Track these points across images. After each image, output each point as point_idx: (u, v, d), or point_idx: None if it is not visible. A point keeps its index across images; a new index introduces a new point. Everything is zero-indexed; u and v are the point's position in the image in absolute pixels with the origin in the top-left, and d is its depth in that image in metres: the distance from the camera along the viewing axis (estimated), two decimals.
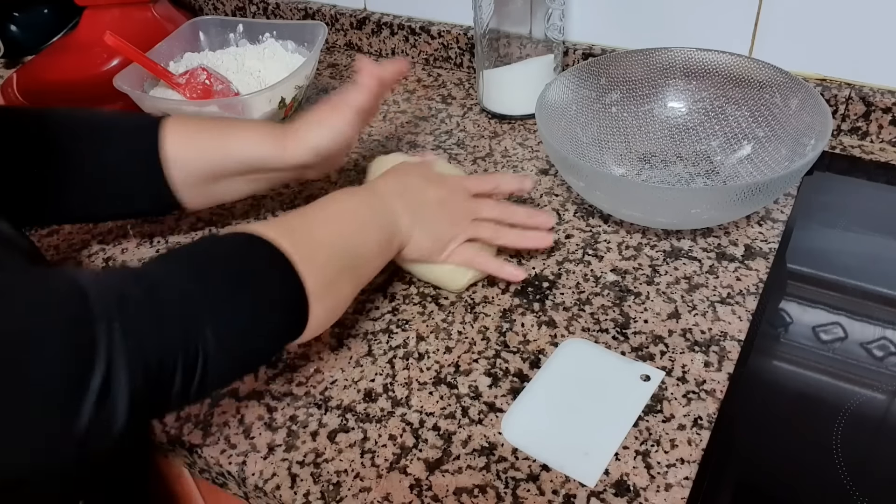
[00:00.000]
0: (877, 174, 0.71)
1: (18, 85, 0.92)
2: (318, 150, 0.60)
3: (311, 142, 0.60)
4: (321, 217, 0.50)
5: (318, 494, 0.46)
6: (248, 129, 0.61)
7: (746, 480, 0.47)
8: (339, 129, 0.60)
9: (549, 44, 0.78)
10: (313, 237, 0.48)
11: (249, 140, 0.60)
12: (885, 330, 0.55)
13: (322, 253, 0.47)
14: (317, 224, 0.49)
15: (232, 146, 0.60)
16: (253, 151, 0.60)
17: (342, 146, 0.62)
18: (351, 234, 0.50)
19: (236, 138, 0.60)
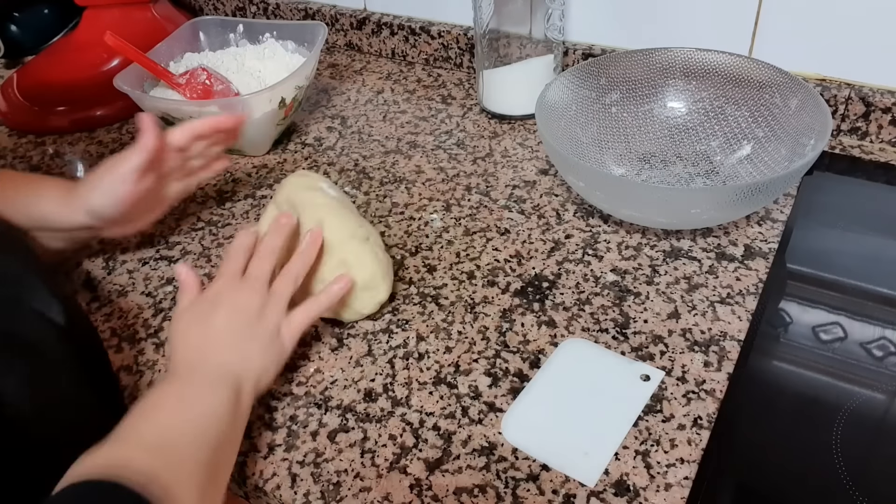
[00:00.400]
0: (876, 174, 0.71)
1: (18, 85, 0.92)
2: (93, 212, 0.58)
3: (87, 204, 0.58)
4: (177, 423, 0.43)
5: (318, 494, 0.46)
6: (42, 187, 0.60)
7: (746, 480, 0.47)
8: (113, 191, 0.58)
9: (549, 44, 0.79)
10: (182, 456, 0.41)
11: (39, 198, 0.59)
12: (884, 330, 0.55)
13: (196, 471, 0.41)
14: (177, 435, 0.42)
15: (21, 202, 0.58)
16: (40, 209, 0.59)
17: (125, 206, 0.59)
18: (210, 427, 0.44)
19: (27, 195, 0.59)
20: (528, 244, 0.64)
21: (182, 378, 0.47)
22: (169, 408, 0.44)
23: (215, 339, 0.49)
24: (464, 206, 0.70)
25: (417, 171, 0.75)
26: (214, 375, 0.47)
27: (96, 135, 0.88)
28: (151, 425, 0.42)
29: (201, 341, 0.49)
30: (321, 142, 0.82)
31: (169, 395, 0.45)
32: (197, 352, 0.48)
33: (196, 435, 0.43)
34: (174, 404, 0.45)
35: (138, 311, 0.61)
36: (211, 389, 0.46)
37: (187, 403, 0.45)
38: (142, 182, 0.59)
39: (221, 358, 0.48)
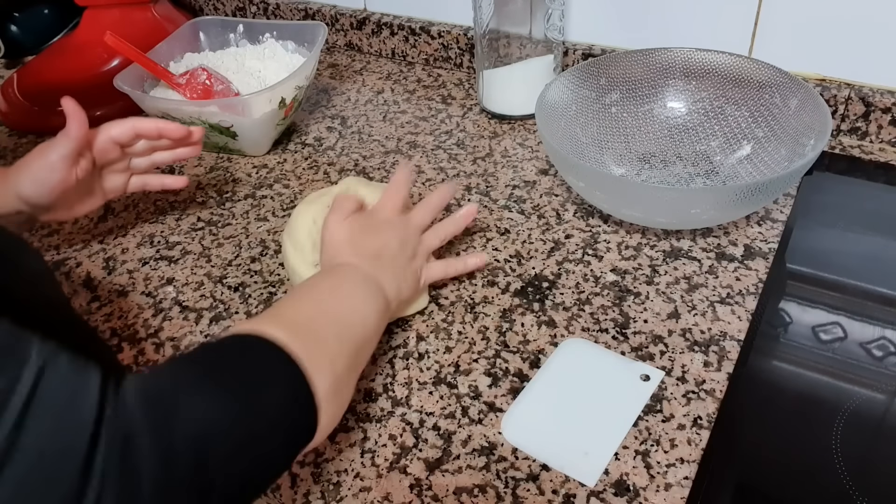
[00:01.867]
0: (876, 174, 0.71)
1: (19, 85, 0.92)
2: (24, 198, 0.59)
3: (17, 190, 0.59)
4: (321, 308, 0.47)
5: (318, 494, 0.46)
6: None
7: (746, 480, 0.47)
8: (42, 178, 0.58)
9: (548, 44, 0.79)
10: (321, 335, 0.44)
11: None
12: (884, 330, 0.55)
13: (331, 355, 0.43)
14: (320, 317, 0.46)
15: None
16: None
17: (55, 194, 0.59)
18: (354, 321, 0.47)
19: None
20: (528, 244, 0.64)
21: (339, 274, 0.51)
22: (320, 297, 0.48)
23: (378, 254, 0.52)
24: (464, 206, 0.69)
25: (417, 172, 0.75)
26: (371, 283, 0.50)
27: None
28: (302, 309, 0.46)
29: (365, 250, 0.52)
30: (321, 142, 0.82)
31: (323, 286, 0.49)
32: (359, 257, 0.52)
33: (341, 327, 0.46)
34: (326, 294, 0.48)
35: (138, 311, 0.61)
36: (365, 292, 0.49)
37: (339, 296, 0.48)
38: (72, 170, 0.59)
39: (379, 272, 0.51)
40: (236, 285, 0.63)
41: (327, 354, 0.43)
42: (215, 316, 0.60)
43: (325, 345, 0.43)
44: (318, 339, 0.43)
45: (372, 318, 0.48)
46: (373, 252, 0.52)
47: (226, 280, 0.64)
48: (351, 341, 0.46)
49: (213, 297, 0.62)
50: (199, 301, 0.62)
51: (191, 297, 0.62)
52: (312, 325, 0.45)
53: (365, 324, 0.48)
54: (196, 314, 0.60)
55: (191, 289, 0.63)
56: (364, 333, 0.47)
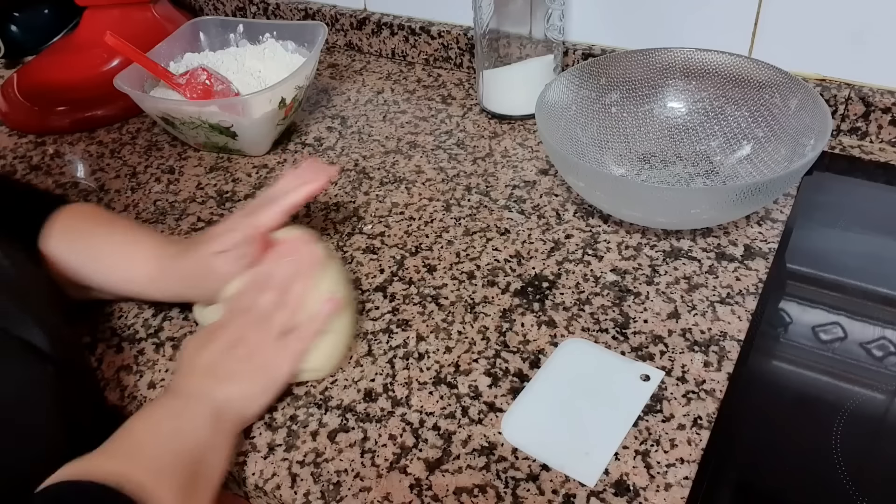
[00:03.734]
0: (876, 174, 0.71)
1: (19, 85, 0.92)
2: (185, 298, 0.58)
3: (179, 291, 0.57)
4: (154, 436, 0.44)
5: (318, 494, 0.46)
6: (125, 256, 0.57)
7: (746, 480, 0.47)
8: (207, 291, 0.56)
9: (548, 44, 0.79)
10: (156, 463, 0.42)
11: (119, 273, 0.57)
12: (884, 330, 0.55)
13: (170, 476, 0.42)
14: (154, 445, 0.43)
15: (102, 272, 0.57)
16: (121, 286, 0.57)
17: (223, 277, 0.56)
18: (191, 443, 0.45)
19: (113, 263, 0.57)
20: (528, 244, 0.64)
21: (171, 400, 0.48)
22: (147, 418, 0.46)
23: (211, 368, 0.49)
24: (464, 206, 0.70)
25: (417, 171, 0.75)
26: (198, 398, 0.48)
27: (96, 135, 0.88)
28: (129, 434, 0.44)
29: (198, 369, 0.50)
30: (321, 142, 0.82)
31: (153, 408, 0.47)
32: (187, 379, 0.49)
33: (174, 444, 0.44)
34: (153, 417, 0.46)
35: (138, 311, 0.61)
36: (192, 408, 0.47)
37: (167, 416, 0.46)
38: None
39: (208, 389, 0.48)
40: None
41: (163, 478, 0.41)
42: None
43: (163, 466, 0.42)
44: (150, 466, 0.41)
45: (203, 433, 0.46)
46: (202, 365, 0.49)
47: None
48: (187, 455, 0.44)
49: None
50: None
51: None
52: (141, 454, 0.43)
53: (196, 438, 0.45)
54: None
55: None
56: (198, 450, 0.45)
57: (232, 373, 0.49)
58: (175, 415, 0.46)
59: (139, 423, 0.45)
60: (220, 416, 0.47)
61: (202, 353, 0.50)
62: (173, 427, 0.45)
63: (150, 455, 0.42)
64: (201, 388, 0.48)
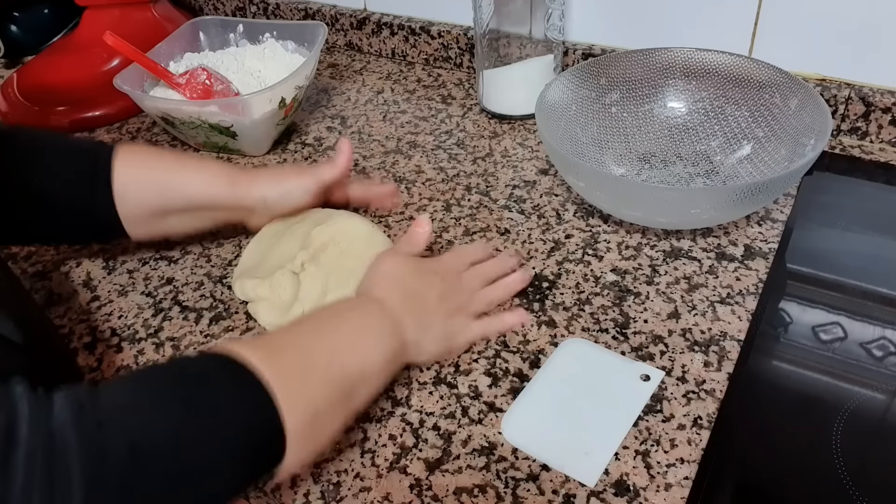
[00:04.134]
0: (876, 174, 0.71)
1: (19, 85, 0.92)
2: (266, 201, 0.61)
3: (263, 192, 0.61)
4: (318, 335, 0.46)
5: (318, 494, 0.46)
6: (200, 166, 0.62)
7: (746, 480, 0.47)
8: (293, 192, 0.62)
9: (548, 44, 0.79)
10: (305, 363, 0.43)
11: (200, 178, 0.60)
12: (884, 330, 0.55)
13: (311, 391, 0.42)
14: (312, 344, 0.45)
15: (181, 183, 0.60)
16: (203, 190, 0.60)
17: (291, 207, 0.63)
18: (351, 358, 0.45)
19: (186, 175, 0.60)
20: (528, 244, 0.64)
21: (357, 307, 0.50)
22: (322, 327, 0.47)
23: (413, 298, 0.51)
24: (464, 206, 0.70)
25: (417, 171, 0.75)
26: (389, 323, 0.49)
27: (96, 135, 0.88)
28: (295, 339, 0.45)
29: (401, 290, 0.51)
30: (321, 142, 0.82)
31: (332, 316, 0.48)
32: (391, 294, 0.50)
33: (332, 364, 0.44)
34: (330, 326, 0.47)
35: (138, 311, 0.61)
36: (377, 331, 0.48)
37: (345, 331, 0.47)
38: (319, 200, 0.64)
39: (406, 315, 0.50)
40: None
41: (307, 389, 0.41)
42: (215, 316, 0.60)
43: (307, 379, 0.42)
44: (299, 372, 0.42)
45: (376, 359, 0.47)
46: (409, 294, 0.51)
47: (226, 280, 0.64)
48: (341, 380, 0.44)
49: (213, 297, 0.62)
50: (199, 301, 0.62)
51: (191, 297, 0.62)
52: (299, 356, 0.43)
53: (364, 364, 0.46)
54: (196, 314, 0.60)
55: (191, 289, 0.63)
56: (361, 373, 0.45)
57: (430, 324, 0.51)
58: (360, 330, 0.47)
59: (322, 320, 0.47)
60: (396, 353, 0.49)
61: (413, 285, 0.52)
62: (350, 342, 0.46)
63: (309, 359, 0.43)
64: (400, 319, 0.49)
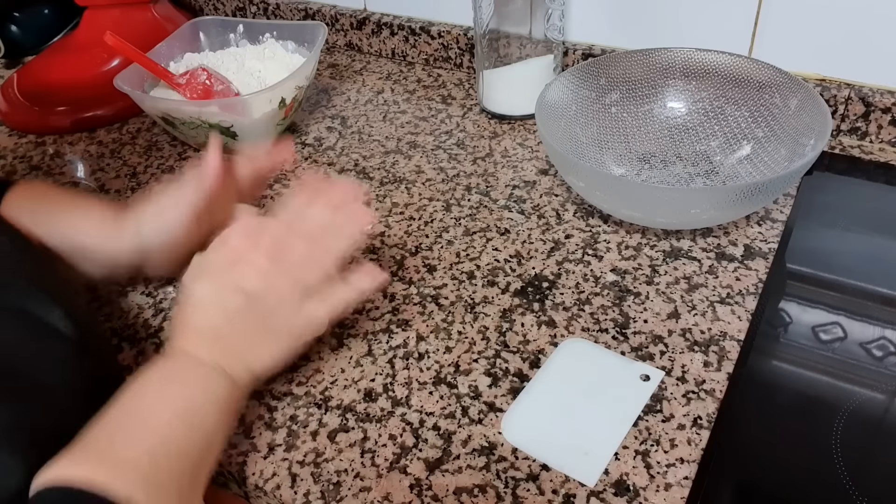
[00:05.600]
0: (876, 174, 0.71)
1: (19, 85, 0.92)
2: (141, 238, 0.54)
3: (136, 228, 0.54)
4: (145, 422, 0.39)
5: (317, 494, 0.46)
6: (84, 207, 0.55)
7: (746, 480, 0.47)
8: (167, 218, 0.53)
9: (548, 44, 0.79)
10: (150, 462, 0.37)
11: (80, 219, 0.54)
12: (884, 330, 0.55)
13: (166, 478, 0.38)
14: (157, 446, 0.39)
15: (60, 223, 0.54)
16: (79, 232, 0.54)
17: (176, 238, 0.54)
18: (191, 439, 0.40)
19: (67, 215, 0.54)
20: (528, 244, 0.64)
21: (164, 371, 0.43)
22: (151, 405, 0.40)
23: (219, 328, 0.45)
24: (464, 206, 0.70)
25: (417, 171, 0.75)
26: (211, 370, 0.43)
27: (96, 135, 0.88)
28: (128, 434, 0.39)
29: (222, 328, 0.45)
30: (321, 142, 0.82)
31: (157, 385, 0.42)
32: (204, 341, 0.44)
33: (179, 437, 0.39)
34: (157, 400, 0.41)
35: (138, 311, 0.61)
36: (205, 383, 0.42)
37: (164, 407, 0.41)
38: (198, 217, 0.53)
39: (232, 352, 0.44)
40: None
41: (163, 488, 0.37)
42: None
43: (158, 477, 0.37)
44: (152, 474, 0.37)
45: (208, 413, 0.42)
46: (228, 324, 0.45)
47: None
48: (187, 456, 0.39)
49: None
50: None
51: None
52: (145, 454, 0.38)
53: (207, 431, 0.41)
54: None
55: None
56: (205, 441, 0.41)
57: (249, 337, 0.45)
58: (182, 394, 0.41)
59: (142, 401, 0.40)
60: (233, 391, 0.43)
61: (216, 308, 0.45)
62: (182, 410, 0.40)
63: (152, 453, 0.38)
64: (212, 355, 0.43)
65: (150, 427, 0.39)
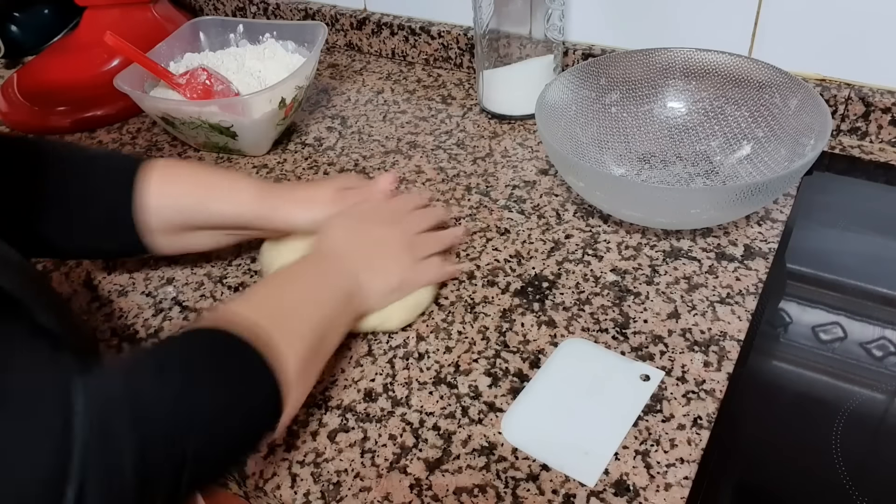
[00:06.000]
0: (876, 174, 0.71)
1: (19, 85, 0.92)
2: (294, 226, 0.59)
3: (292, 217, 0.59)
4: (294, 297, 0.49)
5: (318, 494, 0.46)
6: (234, 187, 0.59)
7: (746, 480, 0.47)
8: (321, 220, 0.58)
9: (548, 44, 0.79)
10: (286, 319, 0.47)
11: (233, 200, 0.58)
12: (884, 330, 0.55)
13: (298, 341, 0.46)
14: (286, 302, 0.49)
15: (214, 203, 0.58)
16: (236, 211, 0.58)
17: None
18: (322, 313, 0.49)
19: (220, 196, 0.59)
20: (528, 244, 0.64)
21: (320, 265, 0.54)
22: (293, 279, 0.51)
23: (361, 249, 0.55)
24: (464, 206, 0.70)
25: (417, 171, 0.75)
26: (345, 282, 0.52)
27: (97, 135, 0.88)
28: (272, 294, 0.49)
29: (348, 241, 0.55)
30: (321, 142, 0.82)
31: (302, 274, 0.52)
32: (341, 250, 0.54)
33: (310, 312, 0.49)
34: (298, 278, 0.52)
35: (138, 311, 0.61)
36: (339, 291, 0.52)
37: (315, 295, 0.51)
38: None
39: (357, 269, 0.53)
40: (236, 285, 0.63)
41: (294, 345, 0.45)
42: None
43: (292, 335, 0.46)
44: (285, 330, 0.45)
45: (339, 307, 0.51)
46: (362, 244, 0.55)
47: (226, 280, 0.64)
48: (313, 329, 0.48)
49: (213, 297, 0.62)
50: (199, 301, 0.62)
51: (191, 297, 0.62)
52: (281, 315, 0.47)
53: (334, 316, 0.51)
54: (196, 314, 0.60)
55: (191, 289, 0.63)
56: (326, 321, 0.49)
57: (378, 265, 0.55)
58: (318, 283, 0.51)
59: (285, 281, 0.51)
60: (352, 297, 0.52)
61: (357, 234, 0.56)
62: (313, 295, 0.50)
63: (289, 313, 0.47)
64: (348, 265, 0.53)
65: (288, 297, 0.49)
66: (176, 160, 0.65)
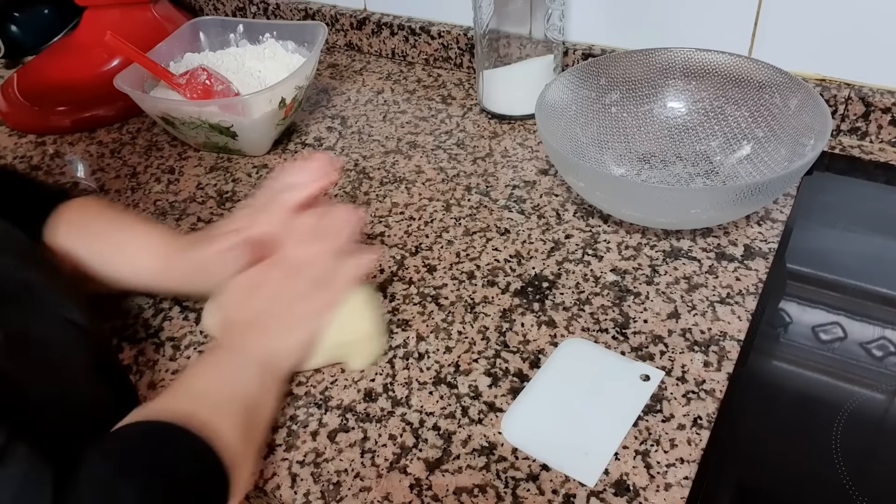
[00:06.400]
0: (876, 174, 0.71)
1: (19, 85, 0.92)
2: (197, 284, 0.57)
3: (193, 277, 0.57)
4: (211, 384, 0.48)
5: (318, 494, 0.46)
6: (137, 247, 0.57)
7: (746, 480, 0.47)
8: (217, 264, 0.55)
9: (548, 44, 0.79)
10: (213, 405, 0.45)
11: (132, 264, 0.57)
12: (884, 330, 0.55)
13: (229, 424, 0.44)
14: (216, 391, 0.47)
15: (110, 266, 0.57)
16: (135, 277, 0.57)
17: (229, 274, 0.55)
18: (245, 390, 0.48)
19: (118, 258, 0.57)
20: (528, 244, 0.64)
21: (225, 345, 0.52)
22: (203, 370, 0.49)
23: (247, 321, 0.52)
24: (464, 206, 0.70)
25: (417, 171, 0.75)
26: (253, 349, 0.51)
27: (96, 135, 0.88)
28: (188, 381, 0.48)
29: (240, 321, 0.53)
30: (321, 142, 0.82)
31: (213, 363, 0.50)
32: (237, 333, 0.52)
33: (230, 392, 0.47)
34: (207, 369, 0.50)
35: (138, 311, 0.61)
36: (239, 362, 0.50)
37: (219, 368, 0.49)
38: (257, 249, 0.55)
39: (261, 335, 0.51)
40: None
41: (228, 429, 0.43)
42: None
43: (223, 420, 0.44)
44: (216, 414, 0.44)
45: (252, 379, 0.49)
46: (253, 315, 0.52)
47: None
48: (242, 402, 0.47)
49: None
50: (199, 301, 0.62)
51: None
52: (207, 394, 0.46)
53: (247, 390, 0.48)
54: (196, 314, 0.60)
55: None
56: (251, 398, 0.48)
57: (271, 327, 0.52)
58: (226, 368, 0.49)
59: (196, 373, 0.49)
60: (265, 369, 0.50)
61: (243, 308, 0.53)
62: (227, 377, 0.48)
63: (210, 398, 0.46)
64: (245, 343, 0.51)
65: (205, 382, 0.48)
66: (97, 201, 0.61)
